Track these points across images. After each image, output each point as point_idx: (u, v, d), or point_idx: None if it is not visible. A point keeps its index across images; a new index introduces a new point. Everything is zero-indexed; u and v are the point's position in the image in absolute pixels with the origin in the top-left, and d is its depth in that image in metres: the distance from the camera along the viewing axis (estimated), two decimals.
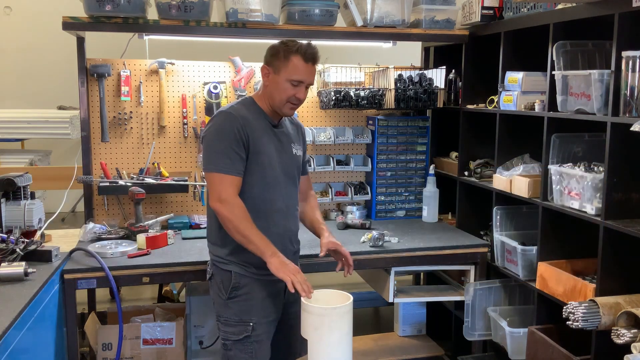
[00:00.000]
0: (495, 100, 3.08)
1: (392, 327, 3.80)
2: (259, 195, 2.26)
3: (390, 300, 3.10)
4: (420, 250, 3.00)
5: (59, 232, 3.10)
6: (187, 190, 3.27)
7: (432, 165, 3.55)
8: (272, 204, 2.28)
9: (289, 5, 3.10)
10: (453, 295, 3.22)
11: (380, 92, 3.42)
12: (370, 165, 3.59)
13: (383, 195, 3.61)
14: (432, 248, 3.02)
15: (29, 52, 6.06)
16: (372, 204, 3.62)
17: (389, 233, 3.09)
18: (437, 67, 3.51)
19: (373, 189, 3.59)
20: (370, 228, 3.29)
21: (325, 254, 2.38)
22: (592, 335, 2.37)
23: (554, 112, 2.63)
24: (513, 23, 2.96)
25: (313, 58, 2.21)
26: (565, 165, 2.59)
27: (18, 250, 2.45)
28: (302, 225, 2.50)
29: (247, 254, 2.23)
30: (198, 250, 2.82)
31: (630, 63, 2.18)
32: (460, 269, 3.18)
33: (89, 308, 3.58)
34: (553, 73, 2.59)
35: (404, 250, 2.97)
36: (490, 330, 3.04)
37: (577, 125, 2.59)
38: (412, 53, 4.05)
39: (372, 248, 2.95)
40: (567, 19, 2.54)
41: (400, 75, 3.41)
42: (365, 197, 3.60)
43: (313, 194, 2.60)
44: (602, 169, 2.39)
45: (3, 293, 2.14)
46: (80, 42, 3.14)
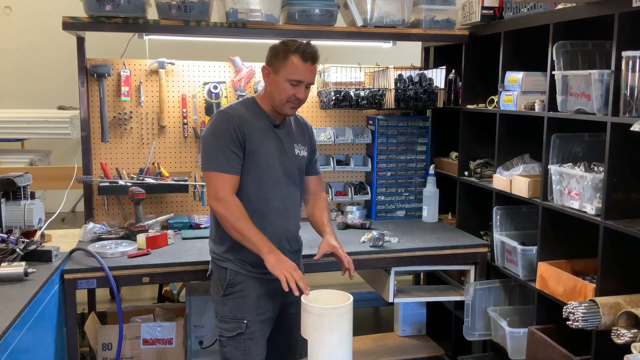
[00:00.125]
0: (495, 100, 3.08)
1: (392, 327, 3.80)
2: (255, 195, 2.26)
3: (390, 300, 3.10)
4: (420, 250, 3.00)
5: (59, 232, 3.10)
6: (187, 190, 3.27)
7: (432, 165, 3.55)
8: (268, 204, 2.28)
9: (289, 5, 3.10)
10: (453, 295, 3.22)
11: (380, 92, 3.42)
12: (370, 165, 3.59)
13: (383, 195, 3.61)
14: (432, 248, 3.02)
15: (29, 52, 6.06)
16: (372, 204, 3.62)
17: (389, 233, 3.09)
18: (437, 67, 3.50)
19: (373, 189, 3.59)
20: (370, 228, 3.29)
21: (324, 256, 2.37)
22: (592, 335, 2.37)
23: (554, 112, 2.63)
24: (513, 23, 2.96)
25: (312, 57, 2.21)
26: (565, 165, 2.58)
27: (18, 250, 2.45)
28: (307, 225, 2.51)
29: (243, 252, 2.23)
30: (198, 250, 2.82)
31: (630, 63, 2.18)
32: (460, 269, 3.18)
33: (89, 308, 3.58)
34: (553, 73, 2.59)
35: (404, 250, 2.97)
36: (490, 330, 3.04)
37: (577, 125, 2.59)
38: (412, 53, 4.05)
39: (372, 248, 2.95)
40: (567, 19, 2.54)
41: (400, 75, 3.41)
42: (365, 197, 3.60)
43: (323, 195, 2.56)
44: (602, 169, 2.39)
45: (3, 293, 2.14)
46: (80, 42, 3.14)
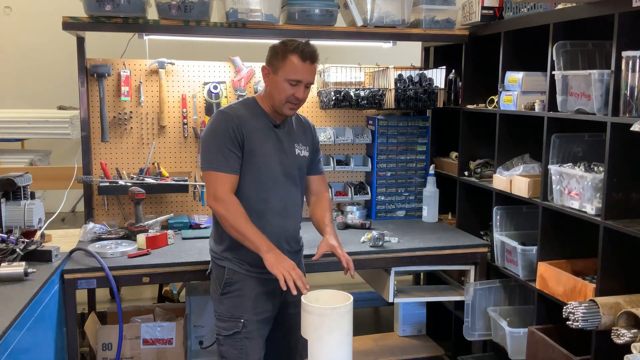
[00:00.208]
0: (495, 100, 3.08)
1: (392, 327, 3.80)
2: (254, 194, 2.26)
3: (390, 300, 3.09)
4: (420, 250, 3.00)
5: (59, 232, 3.10)
6: (187, 190, 3.27)
7: (432, 165, 3.55)
8: (266, 203, 2.28)
9: (289, 5, 3.10)
10: (453, 295, 3.22)
11: (380, 92, 3.42)
12: (370, 165, 3.59)
13: (383, 195, 3.61)
14: (432, 248, 3.02)
15: (29, 52, 6.06)
16: (372, 204, 3.62)
17: (389, 233, 3.09)
18: (437, 67, 3.50)
19: (373, 189, 3.59)
20: (370, 228, 3.29)
21: (324, 256, 2.37)
22: (592, 335, 2.37)
23: (554, 112, 2.63)
24: (513, 23, 2.96)
25: (310, 57, 2.20)
26: (565, 165, 2.58)
27: (18, 250, 2.45)
28: (307, 225, 2.51)
29: (241, 251, 2.24)
30: (198, 250, 2.82)
31: (630, 63, 2.18)
32: (460, 269, 3.18)
33: (89, 308, 3.58)
34: (553, 73, 2.59)
35: (404, 250, 2.97)
36: (490, 330, 3.04)
37: (577, 125, 2.59)
38: (412, 53, 4.05)
39: (372, 248, 2.95)
40: (567, 19, 2.54)
41: (400, 75, 3.41)
42: (365, 197, 3.60)
43: (326, 196, 2.54)
44: (602, 169, 2.39)
45: (3, 293, 2.14)
46: (80, 42, 3.14)
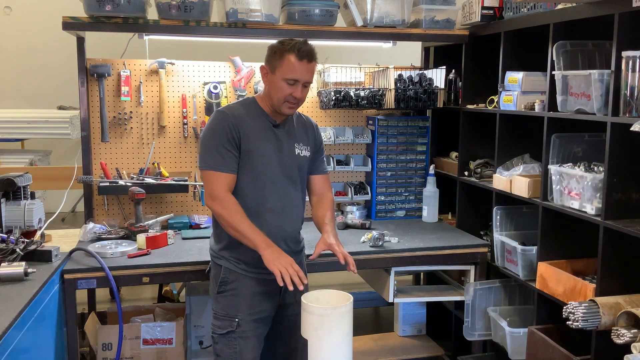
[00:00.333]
0: (495, 100, 3.08)
1: (392, 327, 3.80)
2: (251, 194, 2.26)
3: (390, 300, 3.09)
4: (420, 250, 3.00)
5: (59, 232, 3.10)
6: (187, 190, 3.27)
7: (432, 165, 3.55)
8: (263, 203, 2.27)
9: (289, 5, 3.10)
10: (453, 295, 3.22)
11: (380, 92, 3.42)
12: (370, 165, 3.59)
13: (383, 195, 3.61)
14: (432, 248, 3.02)
15: (29, 52, 6.05)
16: (372, 204, 3.62)
17: (389, 233, 3.09)
18: (437, 67, 3.50)
19: (373, 189, 3.59)
20: (370, 228, 3.29)
21: (325, 255, 2.37)
22: (592, 335, 2.37)
23: (554, 112, 2.63)
24: (513, 23, 2.96)
25: (308, 56, 2.19)
26: (565, 165, 2.58)
27: (18, 250, 2.45)
28: (308, 225, 2.51)
29: (239, 251, 2.24)
30: (198, 250, 2.82)
31: (630, 63, 2.18)
32: (460, 269, 3.17)
33: (89, 308, 3.58)
34: (553, 73, 2.59)
35: (404, 250, 2.97)
36: (490, 330, 3.04)
37: (577, 125, 2.59)
38: (412, 53, 4.05)
39: (372, 248, 2.95)
40: (567, 19, 2.54)
41: (400, 75, 3.41)
42: (365, 197, 3.60)
43: (329, 196, 2.50)
44: (602, 169, 2.39)
45: (3, 293, 2.14)
46: (80, 42, 3.14)
